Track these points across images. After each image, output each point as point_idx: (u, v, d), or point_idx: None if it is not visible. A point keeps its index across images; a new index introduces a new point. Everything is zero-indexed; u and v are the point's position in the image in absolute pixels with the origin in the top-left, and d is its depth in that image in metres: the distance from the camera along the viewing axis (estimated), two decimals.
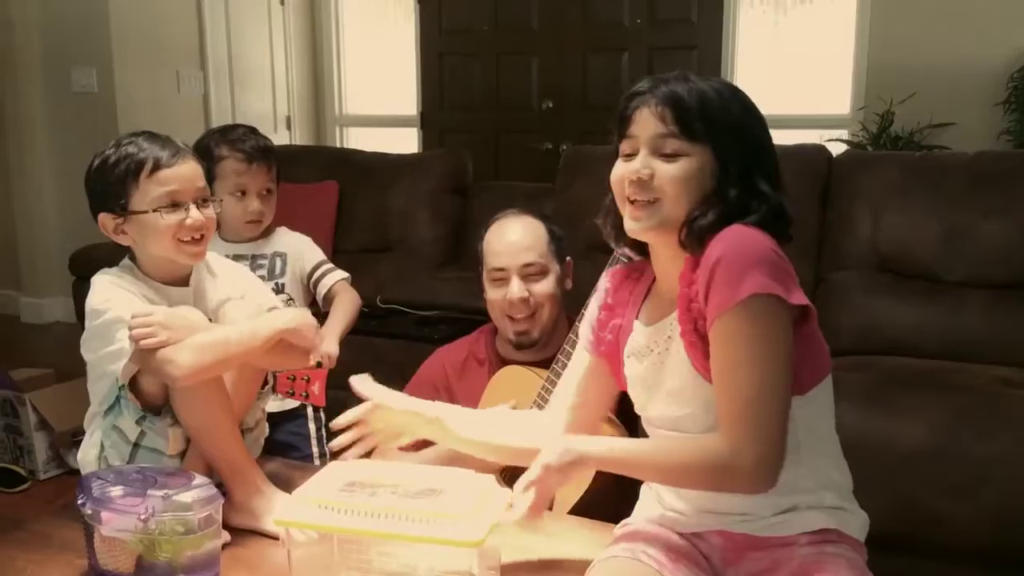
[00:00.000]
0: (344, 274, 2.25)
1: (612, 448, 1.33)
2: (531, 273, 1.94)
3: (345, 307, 2.17)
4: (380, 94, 5.99)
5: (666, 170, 1.30)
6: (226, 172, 2.13)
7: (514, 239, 1.96)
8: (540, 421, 1.57)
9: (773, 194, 1.30)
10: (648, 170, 1.30)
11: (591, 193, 3.39)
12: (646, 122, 1.32)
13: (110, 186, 1.61)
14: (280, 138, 5.56)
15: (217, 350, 1.54)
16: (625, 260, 1.72)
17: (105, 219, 1.63)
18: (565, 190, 3.45)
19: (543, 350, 1.97)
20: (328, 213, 3.89)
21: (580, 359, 1.52)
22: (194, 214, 1.62)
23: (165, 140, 1.64)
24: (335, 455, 1.54)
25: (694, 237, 1.28)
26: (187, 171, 1.63)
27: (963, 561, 2.14)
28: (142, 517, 1.37)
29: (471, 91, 5.44)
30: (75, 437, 1.99)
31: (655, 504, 1.42)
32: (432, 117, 5.60)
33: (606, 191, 1.43)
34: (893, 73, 4.23)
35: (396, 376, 2.26)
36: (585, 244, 3.14)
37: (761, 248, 1.22)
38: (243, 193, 2.15)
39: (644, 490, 1.47)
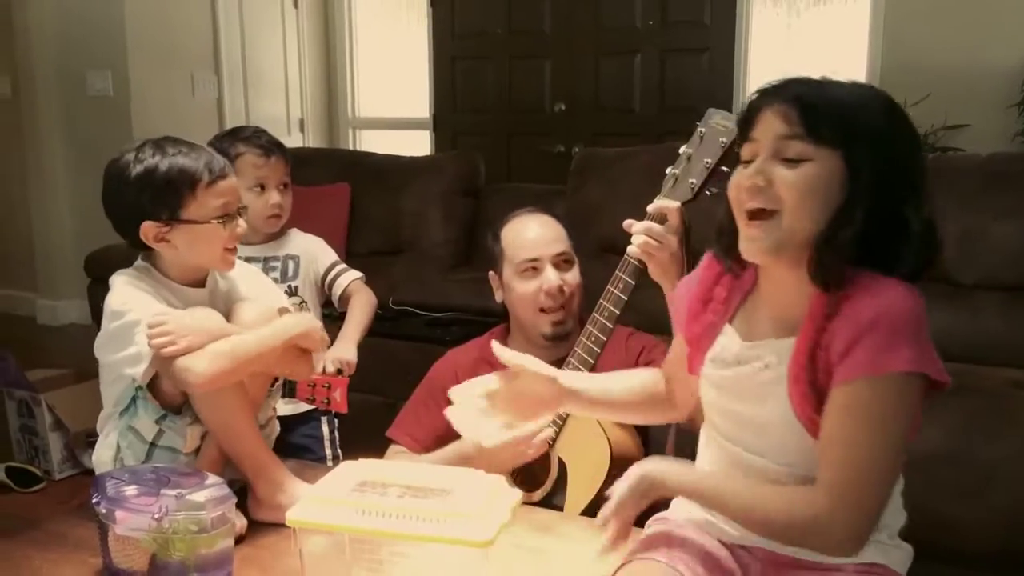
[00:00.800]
0: (358, 273, 2.26)
1: (693, 480, 1.29)
2: (563, 261, 1.96)
3: (362, 308, 2.17)
4: (393, 97, 6.01)
5: (786, 176, 1.17)
6: (245, 167, 2.13)
7: (541, 231, 1.98)
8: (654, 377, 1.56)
9: (923, 228, 1.17)
10: (764, 176, 1.18)
11: (603, 195, 3.44)
12: (769, 123, 1.19)
13: (161, 195, 1.61)
14: (293, 141, 5.58)
15: (233, 358, 1.57)
16: (636, 263, 1.72)
17: (149, 227, 1.63)
18: (577, 192, 3.45)
19: (556, 349, 1.97)
20: (341, 215, 3.90)
21: (680, 344, 1.46)
22: (242, 224, 1.69)
23: (210, 152, 1.67)
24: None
25: (826, 270, 1.17)
26: (234, 184, 1.69)
27: (974, 565, 2.13)
28: (156, 516, 1.39)
29: (483, 94, 5.45)
30: (90, 437, 2.00)
31: (696, 506, 1.37)
32: (444, 120, 5.61)
33: (617, 193, 1.40)
34: (907, 74, 4.21)
35: (407, 377, 2.27)
36: (597, 245, 3.17)
37: (917, 318, 1.14)
38: (262, 188, 2.16)
39: None
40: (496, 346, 1.53)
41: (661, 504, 1.47)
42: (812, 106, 1.17)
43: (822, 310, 1.19)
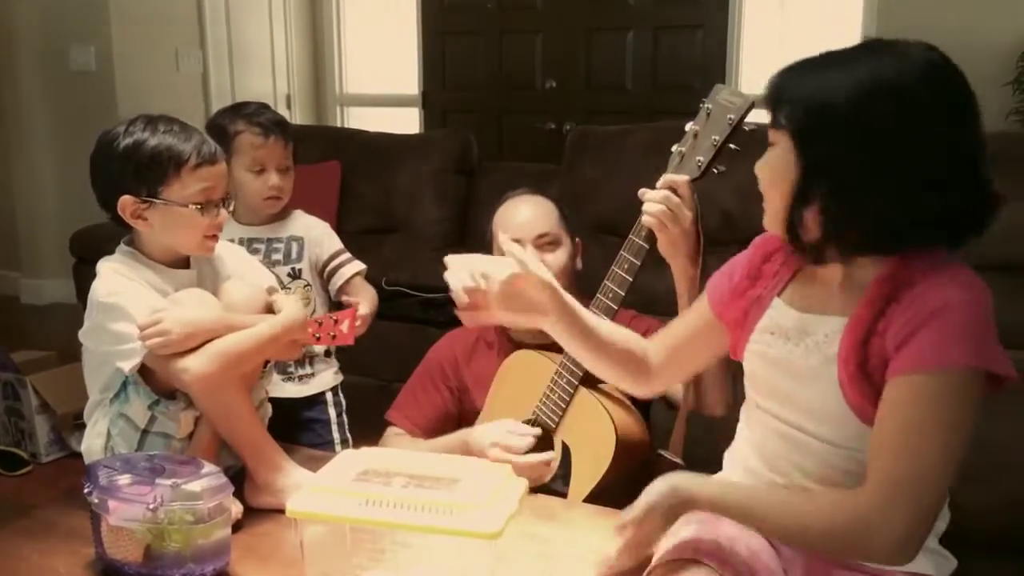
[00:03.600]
0: (361, 266, 2.20)
1: (726, 494, 1.22)
2: (545, 243, 1.93)
3: (369, 300, 2.10)
4: (381, 73, 5.94)
5: (760, 161, 1.24)
6: (243, 147, 2.09)
7: (527, 212, 1.97)
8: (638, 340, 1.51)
9: (936, 208, 1.13)
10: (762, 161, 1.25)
11: (598, 174, 3.41)
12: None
13: (144, 170, 1.58)
14: (284, 117, 5.51)
15: (229, 357, 1.56)
16: (643, 242, 1.69)
17: (127, 201, 1.60)
18: (572, 171, 3.42)
19: None
20: (331, 194, 3.85)
21: (701, 312, 1.43)
22: (223, 213, 1.66)
23: (201, 135, 1.64)
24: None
25: (799, 248, 1.20)
26: (222, 170, 1.66)
27: (980, 549, 2.11)
28: (151, 506, 1.35)
29: (474, 70, 5.38)
30: (77, 420, 1.97)
31: None
32: (434, 96, 5.54)
33: (613, 172, 1.37)
34: None
35: (400, 358, 2.24)
36: (592, 225, 3.13)
37: (981, 311, 1.11)
38: (261, 169, 2.10)
39: (729, 472, 1.39)
40: (504, 240, 1.45)
41: None
42: (777, 92, 1.20)
43: (882, 293, 1.17)
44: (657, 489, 1.23)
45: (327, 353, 2.22)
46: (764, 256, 1.36)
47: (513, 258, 1.39)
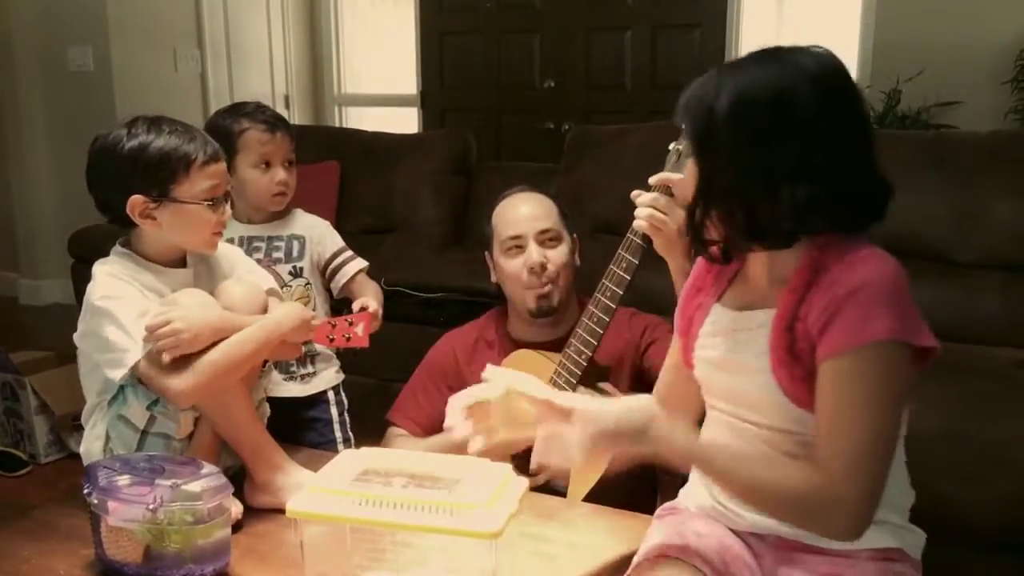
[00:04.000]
0: (364, 263, 2.20)
1: (694, 449, 1.24)
2: (548, 239, 1.94)
3: (376, 295, 2.10)
4: (380, 73, 5.93)
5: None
6: (249, 143, 2.08)
7: (528, 208, 1.98)
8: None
9: (803, 199, 1.19)
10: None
11: (597, 173, 3.40)
12: None
13: (154, 169, 1.59)
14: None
15: (217, 369, 1.55)
16: (640, 241, 1.69)
17: (137, 201, 1.60)
18: (570, 170, 3.41)
19: (555, 329, 1.95)
20: (330, 194, 3.85)
21: (675, 346, 1.48)
22: (228, 210, 1.69)
23: (204, 135, 1.66)
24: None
25: (697, 244, 1.29)
26: (224, 169, 1.69)
27: (976, 545, 2.12)
28: (150, 507, 1.35)
29: (472, 70, 5.38)
30: (75, 420, 1.96)
31: (706, 494, 1.37)
32: (433, 96, 5.54)
33: (612, 172, 1.40)
34: (900, 51, 4.18)
35: (400, 358, 2.24)
36: (591, 224, 3.13)
37: (895, 286, 1.16)
38: (267, 164, 2.10)
39: (695, 473, 1.42)
40: (488, 369, 1.44)
41: (670, 494, 1.45)
42: (682, 105, 1.27)
43: (803, 281, 1.22)
44: (630, 421, 1.21)
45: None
46: (705, 268, 1.42)
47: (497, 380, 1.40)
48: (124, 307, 1.57)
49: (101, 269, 1.65)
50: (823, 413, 1.17)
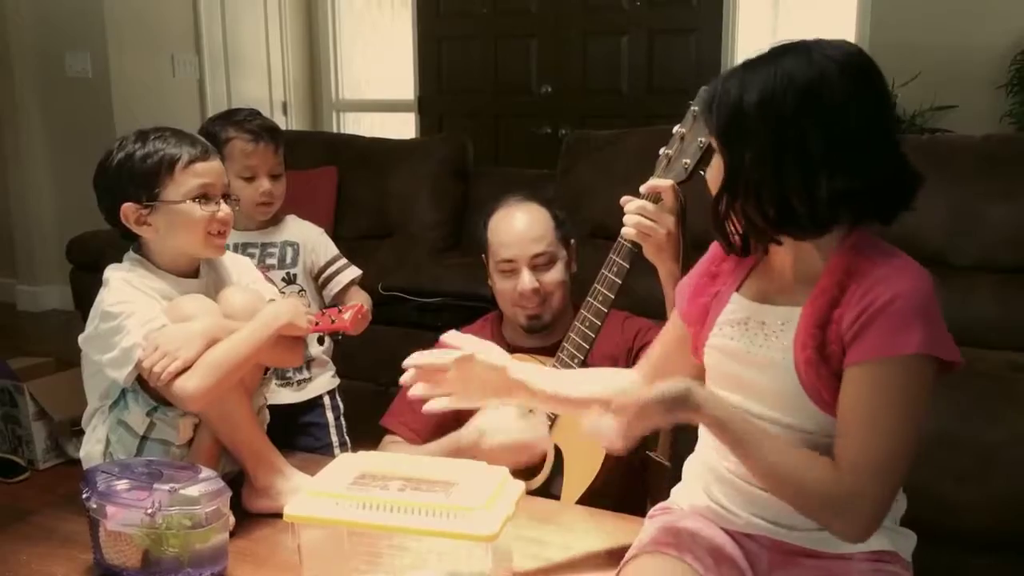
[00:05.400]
0: (357, 272, 2.21)
1: (731, 417, 1.23)
2: (541, 263, 1.92)
3: (368, 303, 2.11)
4: (377, 78, 5.95)
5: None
6: (234, 153, 2.09)
7: (522, 229, 1.93)
8: (622, 375, 1.55)
9: (829, 195, 1.19)
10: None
11: (593, 178, 3.41)
12: None
13: (139, 177, 1.61)
14: (276, 123, 5.51)
15: (223, 366, 1.56)
16: (630, 245, 1.70)
17: (129, 209, 1.62)
18: (567, 175, 3.43)
19: (550, 336, 1.95)
20: (327, 199, 3.86)
21: (674, 323, 1.48)
22: (224, 207, 1.67)
23: (192, 136, 1.67)
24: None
25: (722, 236, 1.30)
26: (217, 167, 1.68)
27: (971, 546, 2.13)
28: (149, 511, 1.36)
29: (469, 75, 5.39)
30: (74, 426, 1.97)
31: (701, 493, 1.38)
32: (430, 101, 5.55)
33: (608, 176, 1.41)
34: (895, 54, 4.15)
35: (396, 362, 2.24)
36: (588, 229, 3.14)
37: (929, 300, 1.18)
38: (252, 175, 2.11)
39: (689, 473, 1.42)
40: (449, 335, 1.50)
41: (663, 494, 1.46)
42: (706, 102, 1.28)
43: (834, 282, 1.22)
44: (671, 388, 1.22)
45: (324, 340, 2.22)
46: (723, 255, 1.41)
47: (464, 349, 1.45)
48: (135, 315, 1.58)
49: (115, 275, 1.65)
50: (849, 414, 1.19)
